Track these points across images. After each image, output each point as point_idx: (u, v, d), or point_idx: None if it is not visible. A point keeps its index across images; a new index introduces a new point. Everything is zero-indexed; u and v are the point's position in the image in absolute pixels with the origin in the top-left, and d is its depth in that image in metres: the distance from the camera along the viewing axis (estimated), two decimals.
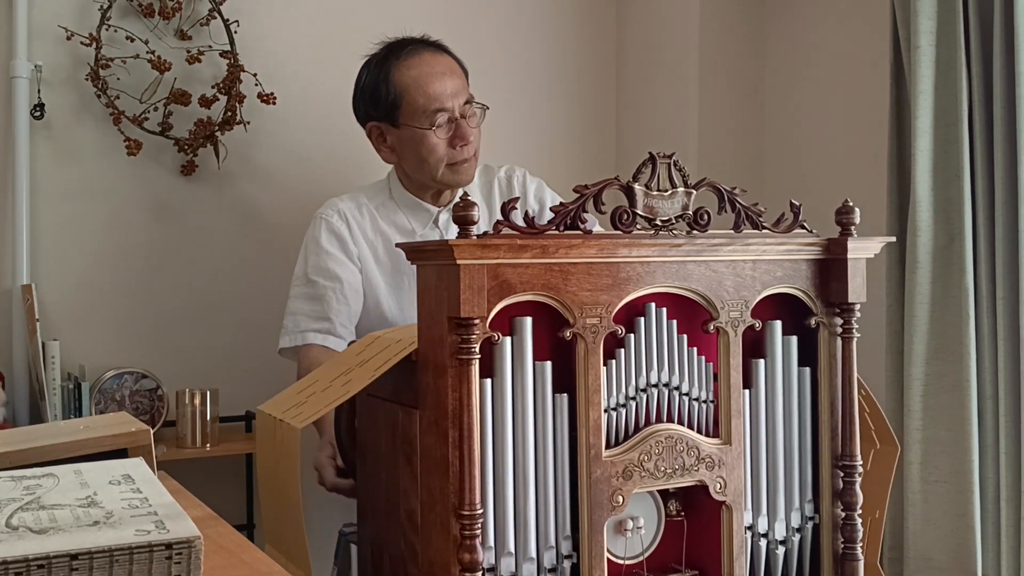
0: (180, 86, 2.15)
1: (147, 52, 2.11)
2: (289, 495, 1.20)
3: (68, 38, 2.06)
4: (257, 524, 2.22)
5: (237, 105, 2.16)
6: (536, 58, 2.57)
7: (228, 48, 2.16)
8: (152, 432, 0.95)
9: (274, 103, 2.20)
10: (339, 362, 1.32)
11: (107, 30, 2.08)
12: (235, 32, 2.17)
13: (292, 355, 1.88)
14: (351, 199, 1.92)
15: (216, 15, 2.16)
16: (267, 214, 2.28)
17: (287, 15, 2.29)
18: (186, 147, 2.15)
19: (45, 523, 0.61)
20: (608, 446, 1.20)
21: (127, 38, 2.10)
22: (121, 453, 0.88)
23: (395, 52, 1.85)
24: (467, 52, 1.94)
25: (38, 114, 2.04)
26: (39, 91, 2.04)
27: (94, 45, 2.05)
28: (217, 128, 2.16)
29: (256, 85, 2.18)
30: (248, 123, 2.18)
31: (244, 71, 2.17)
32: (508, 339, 1.15)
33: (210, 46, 2.17)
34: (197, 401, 2.06)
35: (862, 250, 1.33)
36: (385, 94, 1.82)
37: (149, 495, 0.68)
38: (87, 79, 2.06)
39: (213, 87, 2.17)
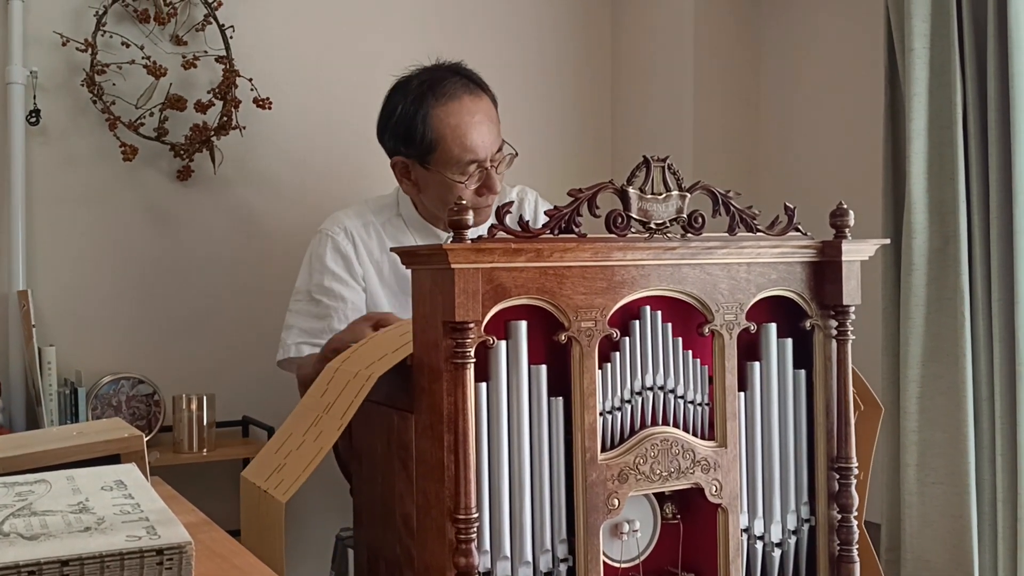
0: (176, 91, 2.15)
1: (143, 58, 2.11)
2: (273, 568, 1.19)
3: (64, 44, 2.06)
4: None
5: (233, 110, 2.16)
6: (532, 63, 2.57)
7: (223, 53, 2.17)
8: (146, 438, 0.95)
9: (270, 108, 2.20)
10: (307, 407, 1.31)
11: (102, 36, 2.08)
12: (230, 37, 2.17)
13: (290, 367, 1.88)
14: (357, 215, 1.90)
15: (211, 20, 2.16)
16: (263, 219, 2.28)
17: (282, 20, 2.29)
18: (182, 152, 2.15)
19: (36, 529, 0.61)
20: (604, 449, 1.20)
21: (123, 44, 2.11)
22: (114, 459, 0.88)
23: (433, 91, 1.78)
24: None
25: (34, 120, 2.04)
26: (35, 97, 2.05)
27: (89, 51, 2.05)
28: (213, 133, 2.16)
29: (252, 90, 2.18)
30: (244, 128, 2.18)
31: (240, 76, 2.17)
32: (503, 343, 1.15)
33: (206, 51, 2.17)
34: (194, 406, 2.06)
35: (856, 252, 1.33)
36: (421, 136, 1.77)
37: (141, 501, 0.67)
38: (83, 85, 2.06)
39: (209, 92, 2.17)
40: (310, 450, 1.20)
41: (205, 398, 2.07)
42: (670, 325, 1.25)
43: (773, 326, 1.32)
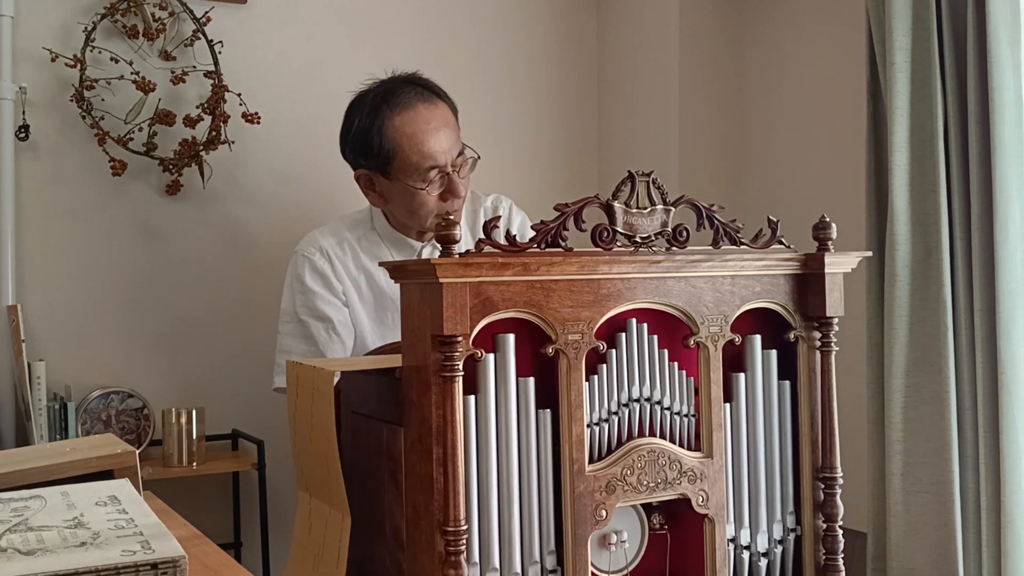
0: (165, 106, 2.16)
1: (131, 73, 2.12)
2: (325, 434, 1.22)
3: (53, 60, 2.07)
4: (244, 543, 2.22)
5: (221, 125, 2.17)
6: (518, 77, 2.59)
7: (212, 68, 2.18)
8: (138, 453, 0.96)
9: (258, 123, 2.21)
10: (301, 545, 1.35)
11: (91, 51, 2.09)
12: (219, 53, 2.18)
13: None
14: (332, 233, 1.92)
15: (200, 36, 2.17)
16: (252, 233, 2.29)
17: (270, 35, 2.31)
18: (171, 167, 2.16)
19: (33, 544, 0.62)
20: (591, 461, 1.21)
21: (111, 59, 2.11)
22: (107, 475, 0.89)
23: (388, 102, 1.81)
24: (449, 76, 1.96)
25: (23, 135, 2.05)
26: (24, 113, 2.05)
27: (79, 66, 2.06)
28: (202, 148, 2.17)
29: (240, 105, 2.19)
30: (233, 143, 2.19)
31: (228, 91, 2.18)
32: (491, 356, 1.17)
33: (194, 66, 2.18)
34: (183, 420, 2.06)
35: (839, 265, 1.35)
36: (378, 147, 1.80)
37: (135, 516, 0.69)
38: (72, 100, 2.07)
39: (198, 107, 2.18)
40: None
41: (195, 412, 2.07)
42: (656, 337, 1.26)
43: (758, 338, 1.34)
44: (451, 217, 1.12)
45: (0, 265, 2.04)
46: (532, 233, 1.98)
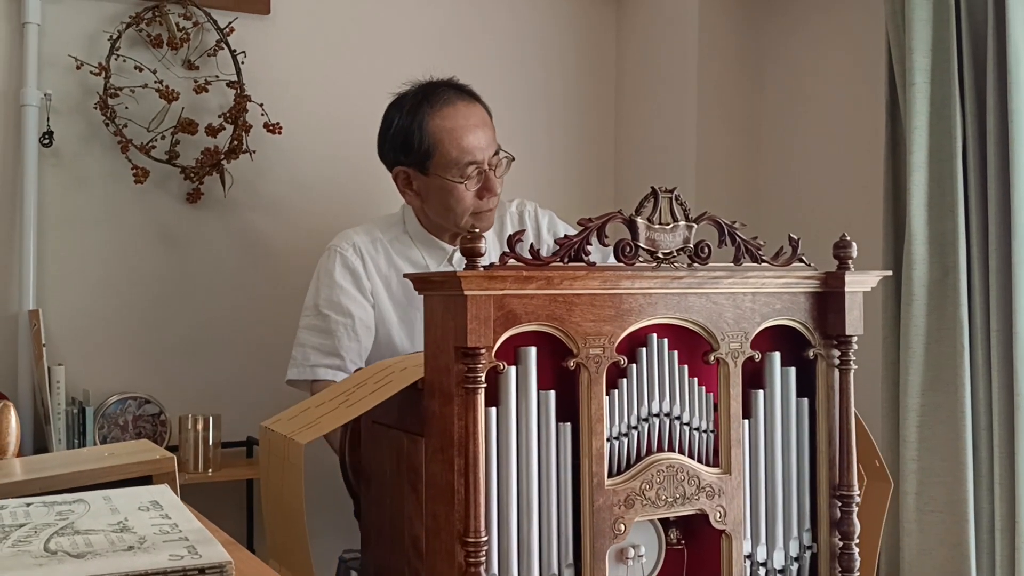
0: (187, 115, 2.18)
1: (155, 82, 2.14)
2: (293, 508, 1.21)
3: (78, 67, 2.09)
4: (258, 549, 2.22)
5: (243, 134, 2.19)
6: (536, 91, 2.61)
7: (235, 78, 2.20)
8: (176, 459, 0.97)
9: (280, 133, 2.23)
10: (340, 386, 1.34)
11: (116, 60, 2.12)
12: (242, 63, 2.20)
13: (302, 387, 1.90)
14: (365, 232, 1.94)
15: (223, 46, 2.19)
16: (271, 242, 2.31)
17: (292, 46, 2.33)
18: (192, 175, 2.18)
19: (82, 547, 0.63)
20: (610, 475, 1.22)
21: (136, 68, 2.14)
22: (143, 480, 0.90)
23: (429, 99, 1.86)
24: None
25: (47, 142, 2.07)
26: (48, 119, 2.08)
27: (103, 74, 2.09)
28: (223, 157, 2.19)
29: (262, 115, 2.21)
30: (254, 152, 2.21)
31: (251, 101, 2.20)
32: (513, 368, 1.17)
33: (217, 76, 2.20)
34: (199, 426, 2.07)
35: (859, 283, 1.36)
36: (418, 142, 1.84)
37: (178, 521, 0.70)
38: (96, 108, 2.09)
39: (220, 116, 2.20)
40: (340, 413, 1.24)
41: (211, 418, 2.08)
42: (676, 353, 1.27)
43: (777, 355, 1.35)
44: (476, 230, 1.13)
45: (22, 270, 2.06)
46: (565, 226, 2.02)
